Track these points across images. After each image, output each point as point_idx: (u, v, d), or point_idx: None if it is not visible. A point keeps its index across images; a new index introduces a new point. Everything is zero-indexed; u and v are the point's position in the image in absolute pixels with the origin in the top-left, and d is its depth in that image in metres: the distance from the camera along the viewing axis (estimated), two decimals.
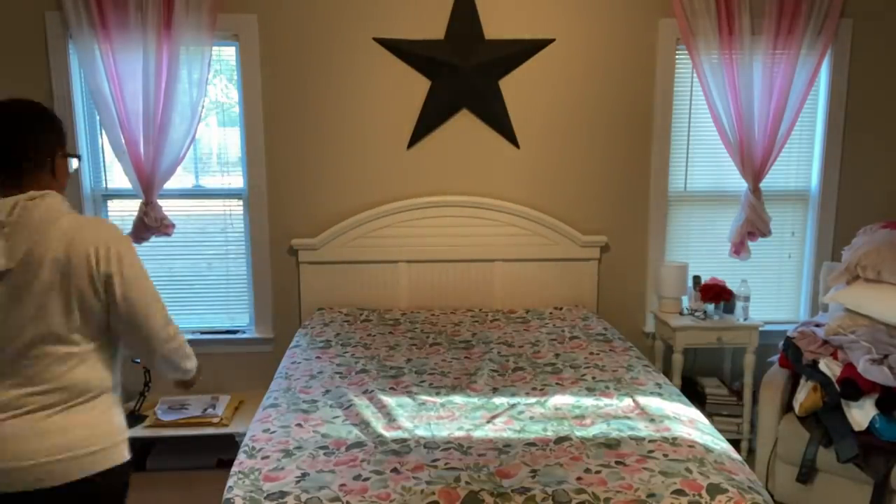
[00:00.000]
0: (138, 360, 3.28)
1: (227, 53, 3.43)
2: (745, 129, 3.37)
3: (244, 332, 3.57)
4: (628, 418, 2.15)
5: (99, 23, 3.12)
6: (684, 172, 3.61)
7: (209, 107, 3.48)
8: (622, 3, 3.41)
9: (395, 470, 1.82)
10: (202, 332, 3.54)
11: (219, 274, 3.56)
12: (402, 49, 3.37)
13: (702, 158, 3.61)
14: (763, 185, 3.46)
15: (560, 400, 2.32)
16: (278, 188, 3.46)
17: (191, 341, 3.59)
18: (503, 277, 3.53)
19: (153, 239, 3.37)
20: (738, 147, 3.40)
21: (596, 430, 2.07)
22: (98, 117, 3.32)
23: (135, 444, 3.33)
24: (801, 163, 3.64)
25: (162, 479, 3.15)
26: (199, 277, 3.55)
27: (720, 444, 1.99)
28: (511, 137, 3.48)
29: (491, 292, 3.54)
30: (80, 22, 3.12)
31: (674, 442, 1.97)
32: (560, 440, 2.00)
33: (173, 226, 3.35)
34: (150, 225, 3.29)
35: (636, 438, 2.00)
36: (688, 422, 2.13)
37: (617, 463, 1.85)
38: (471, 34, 3.36)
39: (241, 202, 3.51)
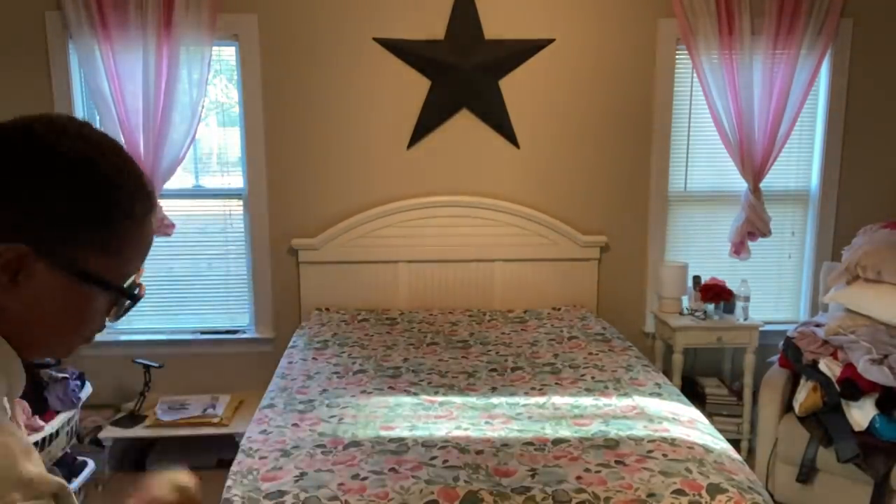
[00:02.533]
0: (140, 360, 3.29)
1: (227, 53, 3.43)
2: (745, 129, 3.37)
3: (244, 332, 3.57)
4: (627, 418, 2.15)
5: (99, 23, 3.13)
6: (684, 172, 3.61)
7: (209, 107, 3.48)
8: (622, 3, 3.41)
9: (393, 469, 1.82)
10: (202, 332, 3.54)
11: (219, 274, 3.57)
12: (402, 49, 3.37)
13: (702, 158, 3.61)
14: (763, 185, 3.46)
15: (559, 400, 2.31)
16: (278, 188, 3.46)
17: (191, 341, 3.61)
18: (503, 277, 3.53)
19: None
20: (738, 147, 3.40)
21: (595, 429, 2.07)
22: (98, 117, 3.32)
23: (135, 444, 3.35)
24: (801, 163, 3.64)
25: None
26: (199, 277, 3.56)
27: (720, 444, 1.99)
28: (511, 137, 3.48)
29: (491, 292, 3.53)
30: (80, 22, 3.13)
31: (673, 442, 1.97)
32: (558, 440, 2.00)
33: (173, 226, 3.35)
34: None
35: (635, 438, 2.00)
36: (687, 422, 2.12)
37: (616, 463, 1.85)
38: (471, 34, 3.36)
39: (241, 202, 3.51)
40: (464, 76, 3.38)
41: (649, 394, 2.35)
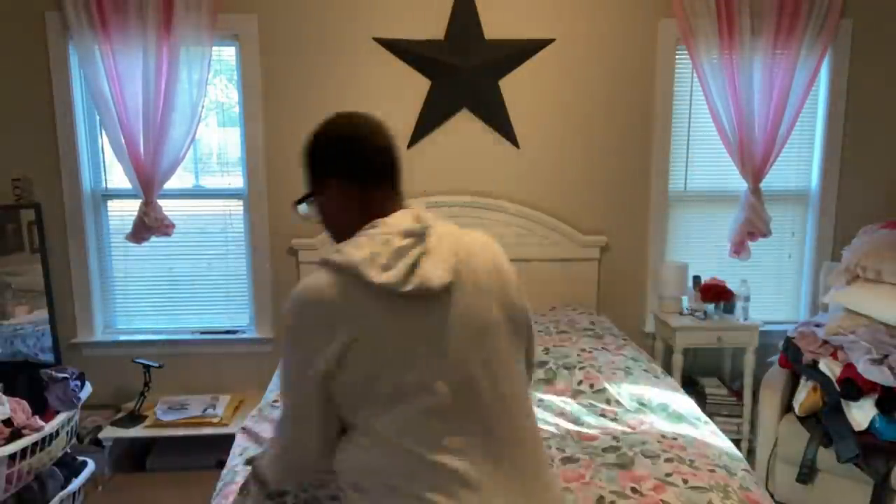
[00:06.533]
0: (140, 360, 3.29)
1: (227, 53, 3.43)
2: (745, 129, 3.37)
3: (244, 332, 3.57)
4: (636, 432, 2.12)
5: (99, 23, 3.13)
6: (684, 172, 3.61)
7: (209, 107, 3.48)
8: (622, 3, 3.41)
9: None
10: (202, 332, 3.54)
11: (219, 274, 3.56)
12: (402, 49, 3.37)
13: (702, 158, 3.61)
14: (763, 185, 3.46)
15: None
16: (278, 188, 3.46)
17: (191, 341, 3.61)
18: None
19: (153, 239, 3.37)
20: (738, 147, 3.40)
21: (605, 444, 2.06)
22: (98, 117, 3.32)
23: (135, 444, 3.35)
24: (801, 163, 3.64)
25: (162, 479, 3.15)
26: (199, 277, 3.55)
27: (721, 443, 1.99)
28: (511, 137, 3.48)
29: None
30: (80, 22, 3.13)
31: (692, 464, 1.95)
32: (567, 460, 1.87)
33: (173, 226, 3.35)
34: (150, 225, 3.29)
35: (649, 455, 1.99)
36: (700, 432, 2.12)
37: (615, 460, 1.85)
38: (471, 34, 3.36)
39: (241, 202, 3.51)
40: (464, 76, 3.38)
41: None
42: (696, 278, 3.49)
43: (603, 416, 2.15)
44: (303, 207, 1.28)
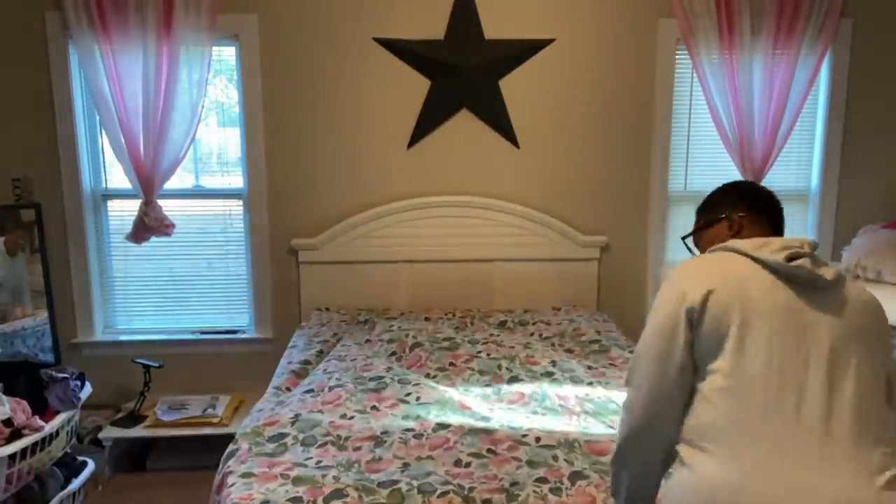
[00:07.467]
0: (140, 360, 3.30)
1: (227, 53, 3.43)
2: (745, 129, 3.37)
3: (244, 332, 3.57)
4: None
5: (99, 23, 3.13)
6: (684, 172, 3.61)
7: (209, 107, 3.48)
8: (622, 3, 3.41)
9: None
10: (202, 332, 3.54)
11: (219, 274, 3.57)
12: (402, 49, 3.37)
13: (702, 158, 3.61)
14: (763, 184, 3.46)
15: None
16: (278, 188, 3.46)
17: (191, 341, 3.61)
18: (503, 277, 3.53)
19: (153, 239, 3.37)
20: (738, 147, 3.40)
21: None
22: (98, 117, 3.32)
23: (135, 444, 3.35)
24: (801, 163, 3.64)
25: (162, 479, 3.15)
26: (199, 277, 3.56)
27: None
28: (511, 137, 3.48)
29: (490, 292, 3.53)
30: (80, 22, 3.13)
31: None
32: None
33: (173, 226, 3.35)
34: (150, 225, 3.29)
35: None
36: None
37: None
38: (471, 34, 3.36)
39: (241, 202, 3.51)
40: (464, 76, 3.38)
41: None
42: None
43: (611, 427, 2.13)
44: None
